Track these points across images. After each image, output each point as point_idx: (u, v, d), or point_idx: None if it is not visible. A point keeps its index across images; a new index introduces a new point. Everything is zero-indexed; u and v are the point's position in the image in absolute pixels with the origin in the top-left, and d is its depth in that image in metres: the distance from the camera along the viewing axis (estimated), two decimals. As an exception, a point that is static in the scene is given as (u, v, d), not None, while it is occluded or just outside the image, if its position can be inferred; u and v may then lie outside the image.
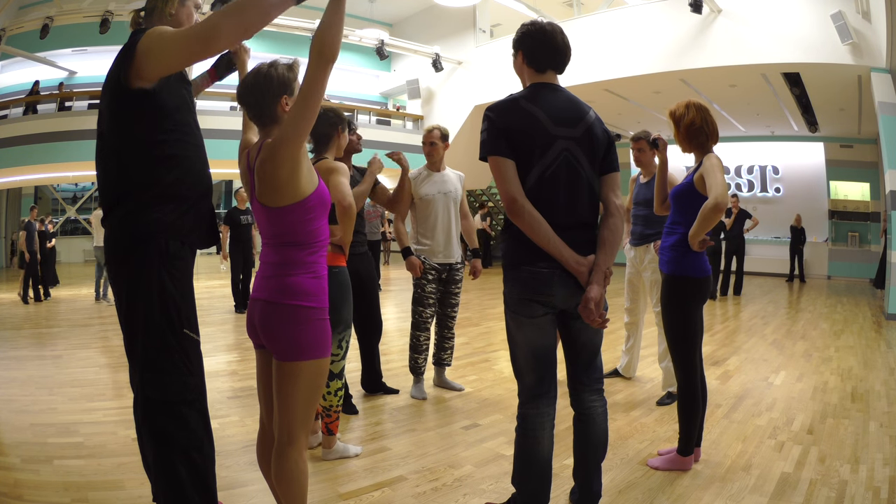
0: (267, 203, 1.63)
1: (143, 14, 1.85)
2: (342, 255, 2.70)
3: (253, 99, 1.67)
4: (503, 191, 1.84)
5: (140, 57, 1.65)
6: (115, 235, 1.75)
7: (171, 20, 1.83)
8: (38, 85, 12.03)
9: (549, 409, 1.95)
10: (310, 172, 1.64)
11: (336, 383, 2.73)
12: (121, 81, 1.67)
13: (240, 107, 1.80)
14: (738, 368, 4.56)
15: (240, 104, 1.72)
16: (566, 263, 1.82)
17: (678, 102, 2.63)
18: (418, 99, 14.32)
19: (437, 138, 3.65)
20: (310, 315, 1.63)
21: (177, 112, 1.79)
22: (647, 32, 9.66)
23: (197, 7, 1.91)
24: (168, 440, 1.71)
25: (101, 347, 5.17)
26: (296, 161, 1.58)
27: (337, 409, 2.74)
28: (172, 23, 1.83)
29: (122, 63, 1.68)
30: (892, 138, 7.50)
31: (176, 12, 1.83)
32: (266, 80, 1.66)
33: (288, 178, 1.59)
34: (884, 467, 2.60)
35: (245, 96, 1.69)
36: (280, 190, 1.60)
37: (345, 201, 2.32)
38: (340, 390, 2.75)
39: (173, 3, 1.82)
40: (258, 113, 1.68)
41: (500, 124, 1.85)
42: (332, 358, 2.71)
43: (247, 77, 1.70)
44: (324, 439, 2.74)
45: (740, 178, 13.97)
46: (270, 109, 1.67)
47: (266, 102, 1.66)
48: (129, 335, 1.77)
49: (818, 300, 9.12)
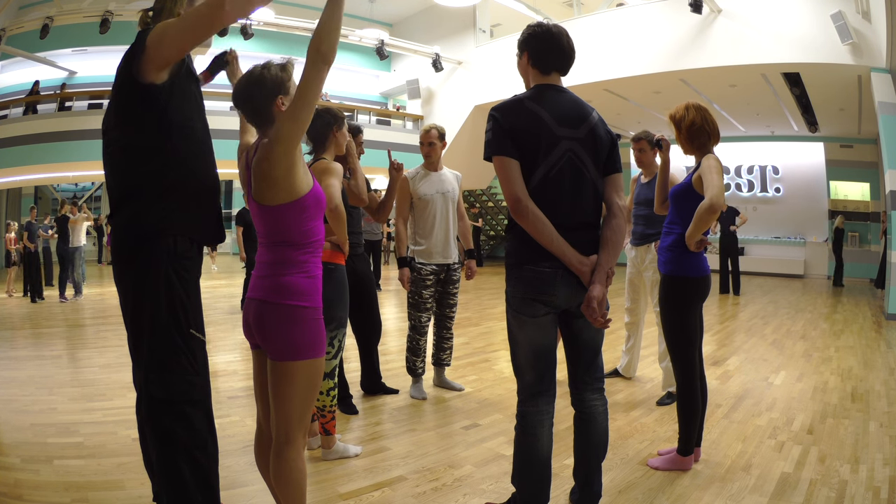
0: (262, 202, 1.64)
1: (151, 14, 1.84)
2: (341, 253, 2.70)
3: (248, 102, 1.68)
4: (507, 191, 1.85)
5: (151, 47, 1.65)
6: (122, 234, 1.75)
7: None
8: (38, 85, 12.03)
9: (549, 408, 1.95)
10: (305, 173, 1.66)
11: (327, 383, 2.73)
12: (132, 76, 1.67)
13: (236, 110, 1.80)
14: (738, 368, 4.56)
15: (235, 107, 1.73)
16: (569, 263, 1.83)
17: (677, 105, 2.64)
18: (418, 99, 14.32)
19: (435, 138, 3.65)
20: (304, 315, 1.63)
21: (186, 110, 1.78)
22: (647, 32, 9.65)
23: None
24: (172, 440, 1.71)
25: (101, 347, 5.17)
26: (291, 160, 1.59)
27: (331, 409, 2.74)
28: None
29: (132, 58, 1.67)
30: (892, 138, 7.50)
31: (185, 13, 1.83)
32: (259, 81, 1.67)
33: (283, 176, 1.60)
34: (884, 467, 2.60)
35: (239, 99, 1.70)
36: (275, 188, 1.61)
37: (331, 203, 2.34)
38: (333, 390, 2.76)
39: (182, 3, 1.82)
40: (254, 115, 1.69)
41: (505, 124, 1.85)
42: (326, 353, 2.72)
43: (240, 80, 1.71)
44: (322, 440, 2.75)
45: (740, 178, 13.97)
46: (266, 110, 1.67)
47: (261, 104, 1.67)
48: (134, 334, 1.77)
49: (818, 300, 9.12)
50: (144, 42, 1.66)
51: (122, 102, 1.73)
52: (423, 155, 3.69)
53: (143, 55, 1.66)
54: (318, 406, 2.72)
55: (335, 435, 2.75)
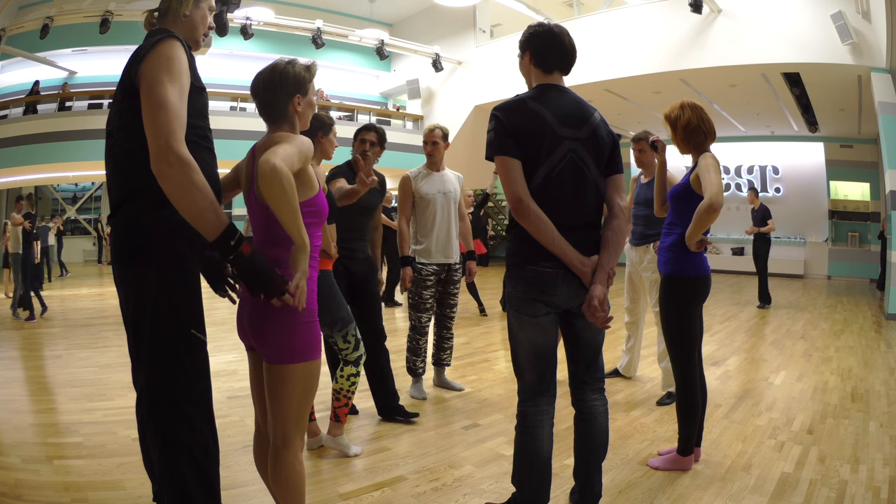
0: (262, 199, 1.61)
1: (156, 15, 1.83)
2: (328, 258, 2.67)
3: (267, 94, 1.66)
4: (509, 191, 1.85)
5: (140, 77, 1.64)
6: (123, 234, 1.73)
7: (186, 21, 1.81)
8: (38, 85, 12.03)
9: (549, 408, 1.96)
10: (310, 179, 1.64)
11: (350, 369, 2.70)
12: (132, 81, 1.66)
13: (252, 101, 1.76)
14: (738, 368, 4.56)
15: (252, 96, 1.70)
16: (570, 263, 1.83)
17: (671, 105, 2.62)
18: (418, 99, 14.31)
19: (438, 137, 3.64)
20: (300, 318, 1.62)
21: (190, 115, 1.77)
22: (647, 32, 9.65)
23: (211, 10, 1.90)
24: (173, 441, 1.70)
25: (101, 347, 5.17)
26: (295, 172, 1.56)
27: (347, 394, 2.71)
28: (186, 24, 1.81)
29: (133, 66, 1.67)
30: (892, 138, 7.50)
31: (191, 14, 1.81)
32: (282, 76, 1.65)
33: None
34: (884, 467, 2.60)
35: (259, 91, 1.68)
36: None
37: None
38: (355, 377, 2.72)
39: (188, 4, 1.80)
40: (269, 109, 1.67)
41: (507, 124, 1.85)
42: (343, 350, 2.71)
43: (263, 71, 1.69)
44: (330, 425, 2.73)
45: (740, 177, 13.97)
46: (282, 107, 1.66)
47: (279, 99, 1.66)
48: (135, 335, 1.76)
49: (818, 300, 9.12)
50: (141, 64, 1.63)
51: (125, 104, 1.72)
52: (426, 154, 3.68)
53: (139, 70, 1.64)
54: (335, 388, 2.72)
55: (344, 425, 2.74)
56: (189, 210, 1.56)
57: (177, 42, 1.68)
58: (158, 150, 1.54)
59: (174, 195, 1.56)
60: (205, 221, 1.56)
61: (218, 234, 1.56)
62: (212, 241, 1.57)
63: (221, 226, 1.56)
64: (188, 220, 1.58)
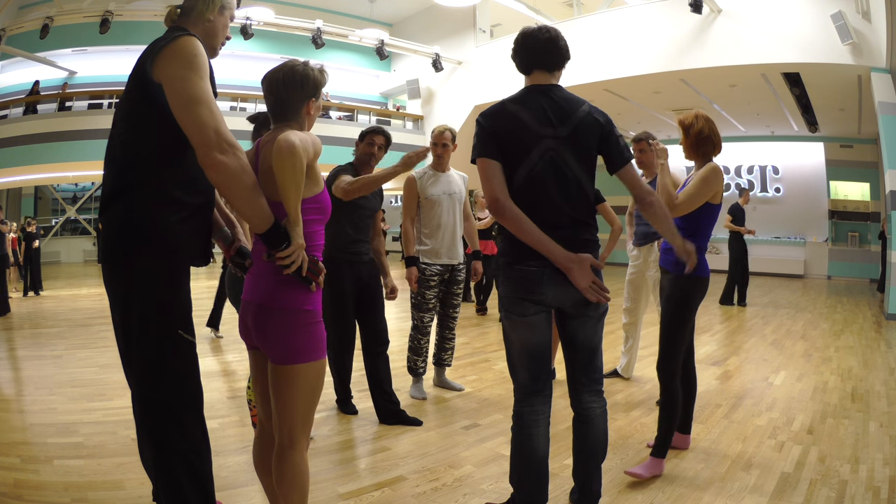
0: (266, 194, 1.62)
1: (179, 11, 1.81)
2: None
3: (286, 93, 1.66)
4: (486, 191, 1.90)
5: (155, 72, 1.62)
6: (112, 232, 1.70)
7: (209, 26, 1.80)
8: (38, 85, 12.04)
9: (544, 407, 1.96)
10: (314, 177, 1.64)
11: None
12: (146, 71, 1.64)
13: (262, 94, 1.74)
14: (738, 368, 4.56)
15: (267, 92, 1.69)
16: (555, 260, 1.84)
17: (686, 113, 2.70)
18: (418, 99, 14.32)
19: (448, 140, 3.63)
20: (304, 319, 1.62)
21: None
22: (647, 32, 9.65)
23: (232, 19, 1.89)
24: (166, 443, 1.70)
25: (101, 347, 5.16)
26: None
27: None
28: (209, 29, 1.80)
29: (148, 56, 1.65)
30: (892, 138, 7.49)
31: (214, 19, 1.80)
32: (304, 78, 1.66)
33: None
34: (884, 467, 2.60)
35: (277, 88, 1.67)
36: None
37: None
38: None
39: (214, 8, 1.79)
40: (284, 107, 1.67)
41: (488, 128, 1.92)
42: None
43: (279, 69, 1.68)
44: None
45: (740, 178, 13.96)
46: (296, 107, 1.67)
47: (295, 99, 1.66)
48: (124, 337, 1.75)
49: (818, 300, 9.12)
50: (155, 59, 1.62)
51: (132, 95, 1.70)
52: (435, 156, 3.66)
53: (153, 64, 1.62)
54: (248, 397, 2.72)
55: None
56: (242, 197, 1.56)
57: (198, 41, 1.66)
58: (208, 141, 1.53)
59: (227, 184, 1.55)
60: (258, 207, 1.57)
61: (269, 225, 1.57)
62: (263, 231, 1.57)
63: (271, 216, 1.58)
64: (239, 209, 1.58)
